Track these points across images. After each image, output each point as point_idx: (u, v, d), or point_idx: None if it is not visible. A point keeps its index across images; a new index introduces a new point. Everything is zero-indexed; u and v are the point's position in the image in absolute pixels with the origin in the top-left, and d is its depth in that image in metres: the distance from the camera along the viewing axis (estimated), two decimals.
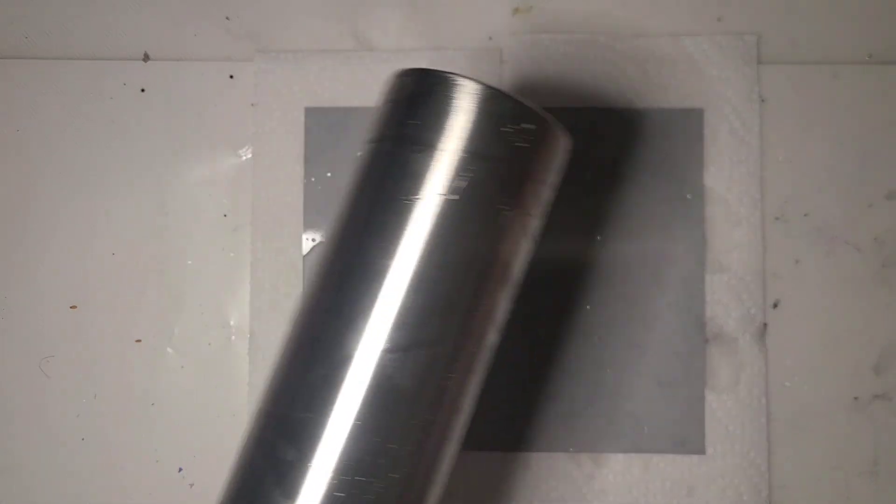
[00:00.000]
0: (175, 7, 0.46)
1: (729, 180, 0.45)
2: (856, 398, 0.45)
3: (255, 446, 0.31)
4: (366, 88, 0.45)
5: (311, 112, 0.45)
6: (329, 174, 0.45)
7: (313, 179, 0.45)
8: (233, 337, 0.45)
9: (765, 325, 0.45)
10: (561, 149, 0.34)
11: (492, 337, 0.32)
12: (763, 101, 0.46)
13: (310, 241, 0.45)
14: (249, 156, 0.46)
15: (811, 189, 0.46)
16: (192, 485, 0.45)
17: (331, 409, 0.29)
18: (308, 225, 0.45)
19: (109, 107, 0.46)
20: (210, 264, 0.46)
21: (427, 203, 0.30)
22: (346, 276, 0.31)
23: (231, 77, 0.46)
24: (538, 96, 0.45)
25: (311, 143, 0.45)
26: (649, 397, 0.44)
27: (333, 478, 0.28)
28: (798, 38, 0.46)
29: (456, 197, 0.30)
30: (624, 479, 0.44)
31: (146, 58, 0.46)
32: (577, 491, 0.44)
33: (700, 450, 0.44)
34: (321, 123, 0.45)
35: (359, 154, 0.33)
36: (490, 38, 0.46)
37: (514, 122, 0.31)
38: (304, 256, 0.45)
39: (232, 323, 0.45)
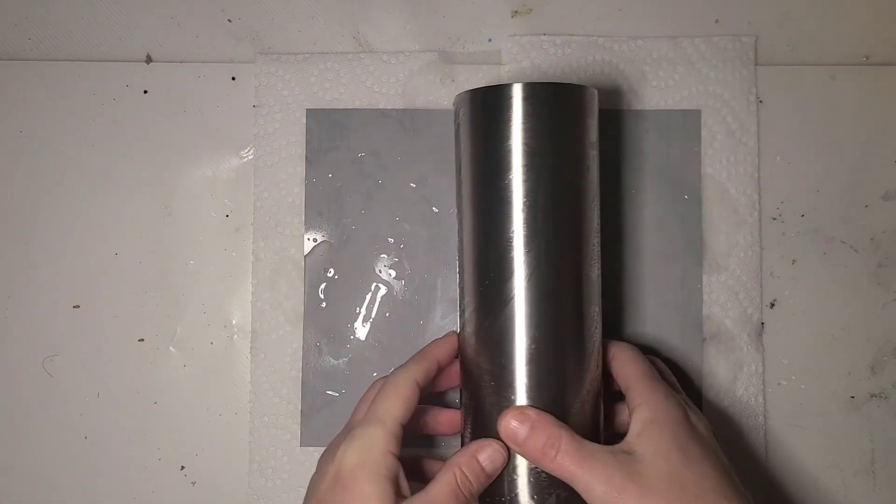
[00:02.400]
0: (177, 10, 0.46)
1: (726, 181, 0.45)
2: (852, 397, 0.45)
3: None
4: (366, 90, 0.46)
5: (312, 113, 0.46)
6: (330, 175, 0.45)
7: (314, 180, 0.45)
8: (234, 336, 0.46)
9: (762, 324, 0.45)
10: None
11: None
12: (760, 102, 0.46)
13: (311, 241, 0.45)
14: (251, 157, 0.46)
15: (808, 190, 0.46)
16: (194, 483, 0.45)
17: None
18: (309, 225, 0.45)
19: (112, 108, 0.46)
20: (212, 264, 0.46)
21: None
22: None
23: (233, 79, 0.46)
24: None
25: (312, 144, 0.46)
26: None
27: None
28: (795, 39, 0.47)
29: None
30: None
31: (149, 60, 0.47)
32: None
33: None
34: (322, 125, 0.46)
35: None
36: (490, 40, 0.46)
37: None
38: (306, 256, 0.45)
39: (234, 322, 0.46)
